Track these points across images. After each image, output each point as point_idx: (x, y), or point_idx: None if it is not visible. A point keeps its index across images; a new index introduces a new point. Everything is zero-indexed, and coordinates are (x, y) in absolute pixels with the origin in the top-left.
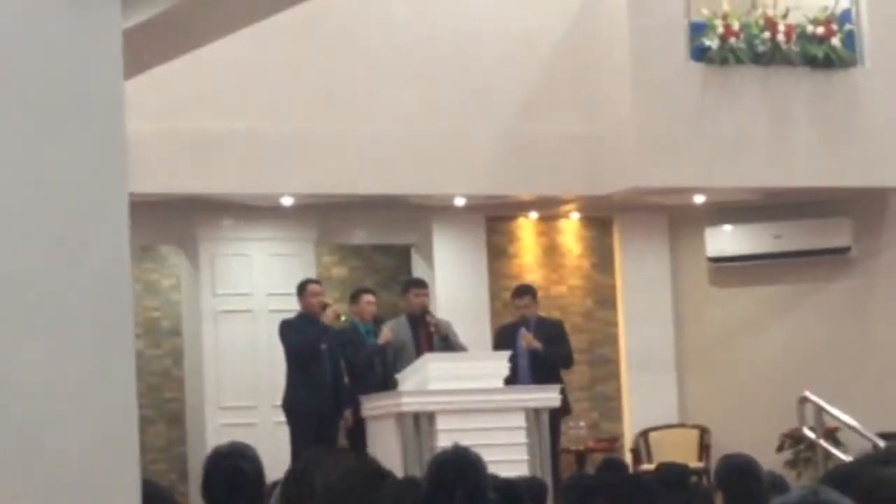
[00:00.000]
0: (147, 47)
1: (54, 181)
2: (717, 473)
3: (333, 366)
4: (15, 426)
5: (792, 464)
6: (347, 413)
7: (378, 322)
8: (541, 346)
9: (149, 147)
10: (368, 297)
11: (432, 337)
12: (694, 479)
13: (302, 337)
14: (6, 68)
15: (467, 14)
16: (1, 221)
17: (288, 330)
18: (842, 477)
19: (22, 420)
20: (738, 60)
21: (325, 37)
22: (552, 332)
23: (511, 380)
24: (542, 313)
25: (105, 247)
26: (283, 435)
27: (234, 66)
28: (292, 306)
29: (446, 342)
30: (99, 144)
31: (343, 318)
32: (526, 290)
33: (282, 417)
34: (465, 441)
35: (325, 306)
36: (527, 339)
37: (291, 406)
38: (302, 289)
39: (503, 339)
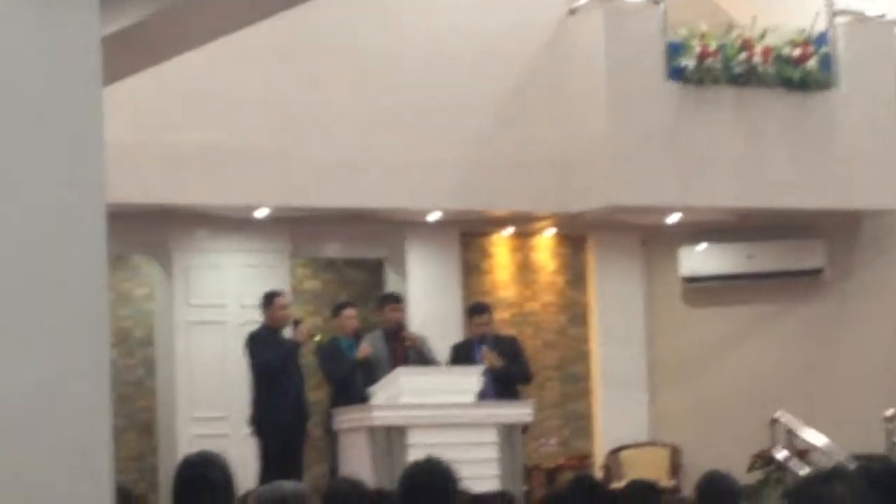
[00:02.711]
0: (124, 55)
1: (32, 188)
2: (699, 490)
3: (298, 379)
4: None
5: (763, 483)
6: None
7: (359, 336)
8: (502, 364)
9: (123, 157)
10: (349, 312)
11: (407, 351)
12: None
13: (273, 355)
14: None
15: (442, 27)
16: None
17: (256, 344)
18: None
19: None
20: (715, 80)
21: (300, 50)
22: (508, 350)
23: None
24: (509, 330)
25: (82, 254)
26: (254, 446)
27: (209, 79)
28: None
29: (421, 357)
30: (77, 152)
31: (317, 338)
32: (484, 308)
33: None
34: (437, 455)
35: (297, 322)
36: (488, 357)
37: (259, 420)
38: (268, 301)
39: (460, 356)
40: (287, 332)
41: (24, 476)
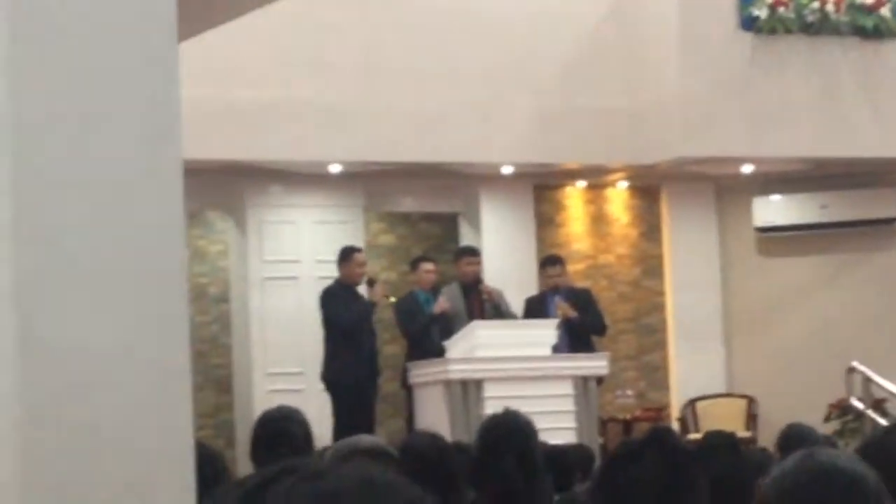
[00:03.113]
0: (200, 10)
1: (109, 145)
2: (781, 441)
3: (372, 337)
4: (68, 388)
5: (839, 434)
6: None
7: (437, 290)
8: (576, 315)
9: (198, 113)
10: (427, 266)
11: (484, 305)
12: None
13: (351, 315)
14: (59, 30)
15: None
16: (55, 186)
17: (332, 302)
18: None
19: (75, 382)
20: (787, 30)
21: (373, 5)
22: (582, 301)
23: None
24: (583, 283)
25: (160, 211)
26: (329, 401)
27: (283, 34)
28: (338, 273)
29: (498, 311)
30: (153, 108)
31: (392, 300)
32: (557, 260)
33: None
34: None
35: (371, 282)
36: (562, 308)
37: (332, 377)
38: (346, 256)
39: (533, 309)
40: (361, 290)
41: (106, 432)
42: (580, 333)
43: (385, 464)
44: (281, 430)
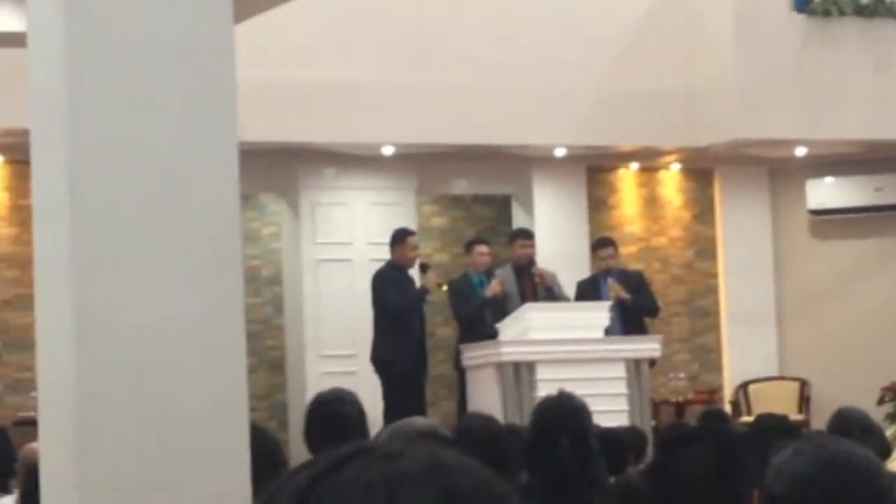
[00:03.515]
0: None
1: (164, 126)
2: (832, 425)
3: (421, 321)
4: (124, 367)
5: (892, 417)
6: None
7: (490, 273)
8: (629, 297)
9: (251, 95)
10: (481, 248)
11: (537, 288)
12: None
13: (404, 299)
14: (114, 12)
15: None
16: (111, 167)
17: (385, 284)
18: None
19: (131, 361)
20: (841, 12)
21: None
22: (634, 283)
23: None
24: (636, 265)
25: (215, 192)
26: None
27: (337, 16)
28: (391, 255)
29: (551, 293)
30: (209, 90)
31: (444, 289)
32: (608, 242)
33: None
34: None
35: (424, 268)
36: (615, 289)
37: (382, 359)
38: (399, 239)
39: (585, 292)
40: (412, 273)
41: (161, 411)
42: (633, 315)
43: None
44: (335, 411)
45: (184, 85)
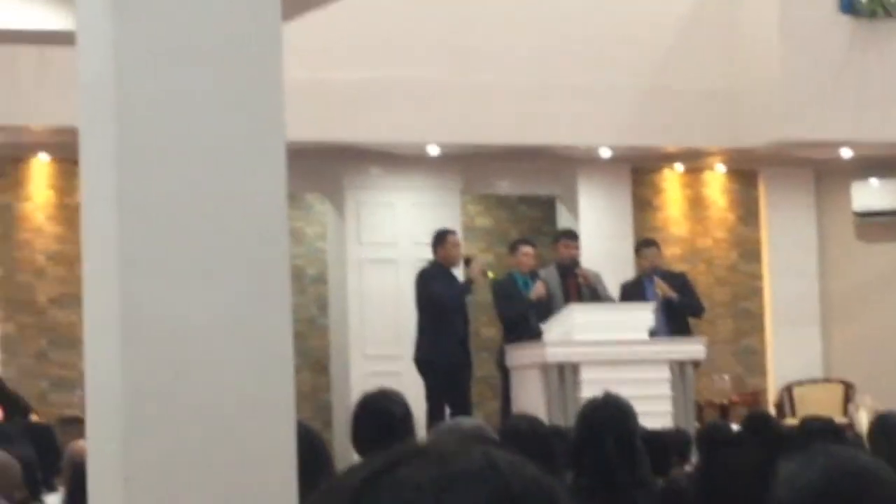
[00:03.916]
0: None
1: (213, 124)
2: (873, 430)
3: (465, 319)
4: (171, 366)
5: None
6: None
7: (535, 274)
8: (675, 295)
9: (296, 95)
10: (526, 249)
11: (581, 288)
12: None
13: (448, 291)
14: (168, 11)
15: None
16: (159, 166)
17: (429, 280)
18: None
19: (184, 352)
20: (888, 13)
21: None
22: (678, 284)
23: None
24: (680, 267)
25: (263, 191)
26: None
27: (382, 15)
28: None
29: (595, 294)
30: (257, 90)
31: (491, 275)
32: (652, 242)
33: None
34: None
35: (468, 260)
36: (661, 287)
37: (424, 358)
38: (440, 239)
39: (629, 294)
40: (458, 271)
41: (208, 410)
42: (678, 315)
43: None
44: (382, 410)
45: (231, 83)
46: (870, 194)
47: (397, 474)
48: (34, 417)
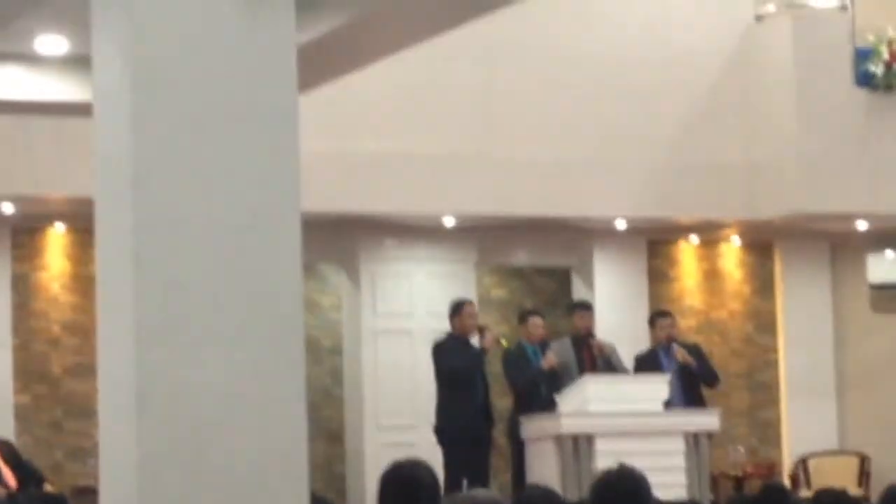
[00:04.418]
0: (319, 64)
1: (231, 195)
2: (883, 502)
3: (484, 387)
4: (192, 427)
5: None
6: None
7: (544, 345)
8: (694, 362)
9: (311, 165)
10: (536, 320)
11: (596, 359)
12: None
13: (461, 362)
14: (186, 82)
15: (629, 36)
16: (175, 237)
17: (443, 352)
18: None
19: (199, 422)
20: None
21: (490, 58)
22: (693, 355)
23: None
24: (695, 339)
25: (279, 261)
26: (440, 456)
27: (398, 88)
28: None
29: (609, 365)
30: (274, 159)
31: (504, 343)
32: (667, 313)
33: None
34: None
35: (482, 330)
36: (680, 353)
37: (444, 428)
38: (457, 309)
39: (643, 366)
40: (474, 341)
41: (223, 477)
42: (693, 386)
43: None
44: (410, 476)
45: (248, 155)
46: (885, 266)
47: None
48: (48, 487)
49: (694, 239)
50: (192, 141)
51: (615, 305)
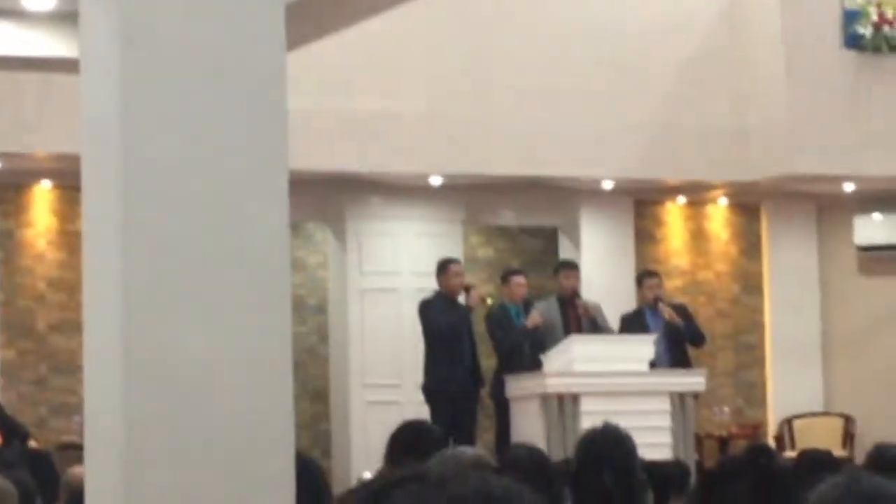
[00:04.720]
0: (306, 22)
1: (217, 153)
2: (869, 461)
3: (472, 346)
4: (178, 384)
5: None
6: (484, 392)
7: (528, 304)
8: (681, 322)
9: (299, 124)
10: (518, 279)
11: (581, 319)
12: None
13: (446, 320)
14: (173, 39)
15: None
16: (162, 197)
17: (429, 311)
18: None
19: (185, 379)
20: (892, 48)
21: (478, 19)
22: (680, 315)
23: None
24: (681, 299)
25: (267, 220)
26: (426, 414)
27: (386, 47)
28: (437, 285)
29: (595, 325)
30: (261, 118)
31: (489, 302)
32: (654, 273)
33: None
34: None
35: (468, 288)
36: (667, 311)
37: (432, 387)
38: (442, 268)
39: (629, 326)
40: (461, 300)
41: (208, 440)
42: (679, 346)
43: None
44: (421, 429)
45: (235, 113)
46: (872, 228)
47: (394, 499)
48: (32, 443)
49: (681, 200)
50: (179, 99)
51: (602, 265)
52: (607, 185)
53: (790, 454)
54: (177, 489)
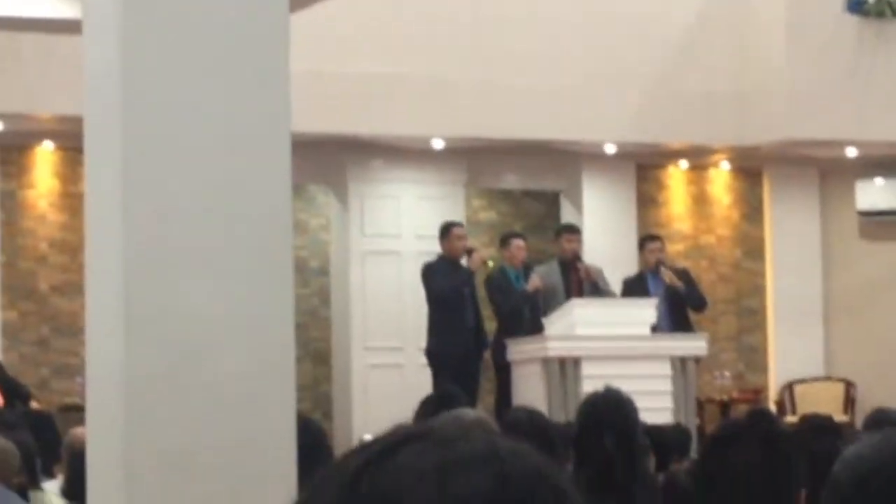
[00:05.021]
0: None
1: (219, 114)
2: (867, 426)
3: (475, 309)
4: (179, 346)
5: None
6: (487, 355)
7: (528, 267)
8: (682, 285)
9: (301, 86)
10: (518, 242)
11: (583, 283)
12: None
13: (448, 282)
14: (172, 3)
15: None
16: (164, 159)
17: (431, 274)
18: None
19: (187, 341)
20: (895, 13)
21: None
22: (682, 279)
23: None
24: (683, 263)
25: (268, 181)
26: (428, 377)
27: (388, 9)
28: (440, 249)
29: (596, 288)
30: (264, 80)
31: (491, 264)
32: (656, 237)
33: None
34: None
35: (470, 251)
36: (668, 275)
37: (434, 350)
38: (445, 231)
39: (631, 289)
40: (463, 262)
41: (210, 399)
42: (681, 310)
43: None
44: (452, 393)
45: (238, 75)
46: (874, 193)
47: (398, 458)
48: (34, 404)
49: (683, 164)
50: (180, 61)
51: (603, 229)
52: (609, 149)
53: (791, 419)
54: (177, 448)
